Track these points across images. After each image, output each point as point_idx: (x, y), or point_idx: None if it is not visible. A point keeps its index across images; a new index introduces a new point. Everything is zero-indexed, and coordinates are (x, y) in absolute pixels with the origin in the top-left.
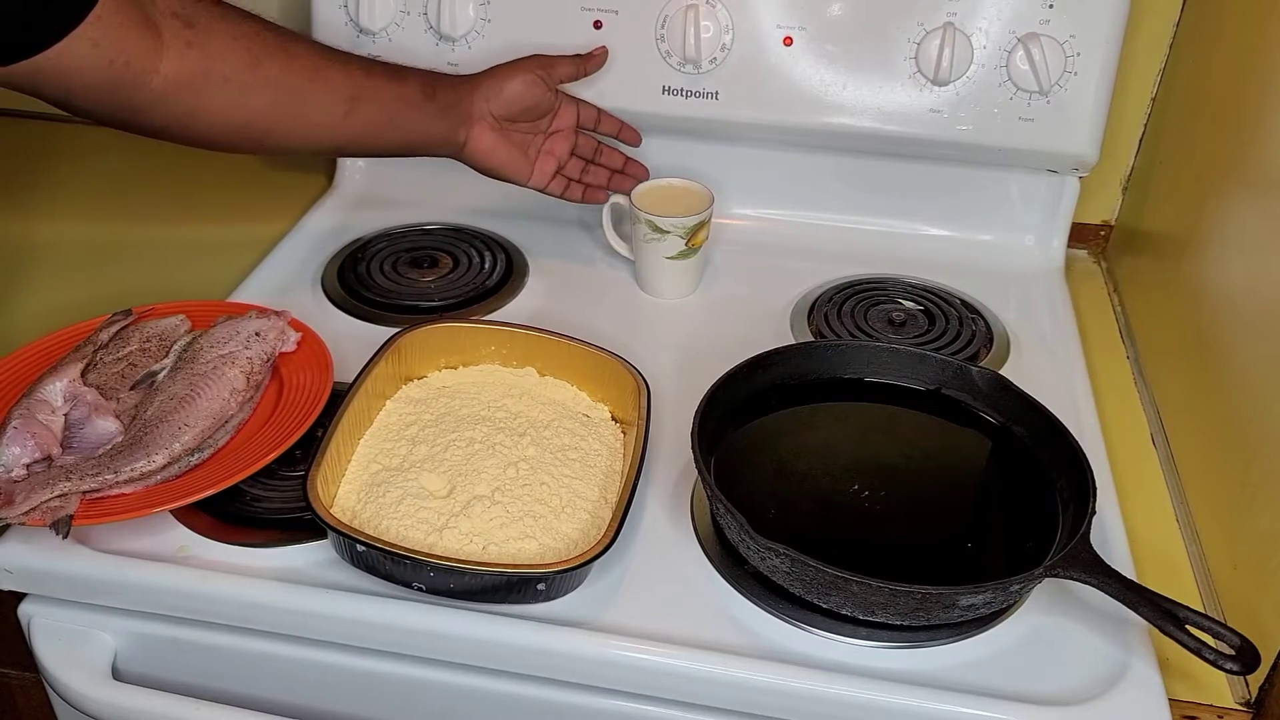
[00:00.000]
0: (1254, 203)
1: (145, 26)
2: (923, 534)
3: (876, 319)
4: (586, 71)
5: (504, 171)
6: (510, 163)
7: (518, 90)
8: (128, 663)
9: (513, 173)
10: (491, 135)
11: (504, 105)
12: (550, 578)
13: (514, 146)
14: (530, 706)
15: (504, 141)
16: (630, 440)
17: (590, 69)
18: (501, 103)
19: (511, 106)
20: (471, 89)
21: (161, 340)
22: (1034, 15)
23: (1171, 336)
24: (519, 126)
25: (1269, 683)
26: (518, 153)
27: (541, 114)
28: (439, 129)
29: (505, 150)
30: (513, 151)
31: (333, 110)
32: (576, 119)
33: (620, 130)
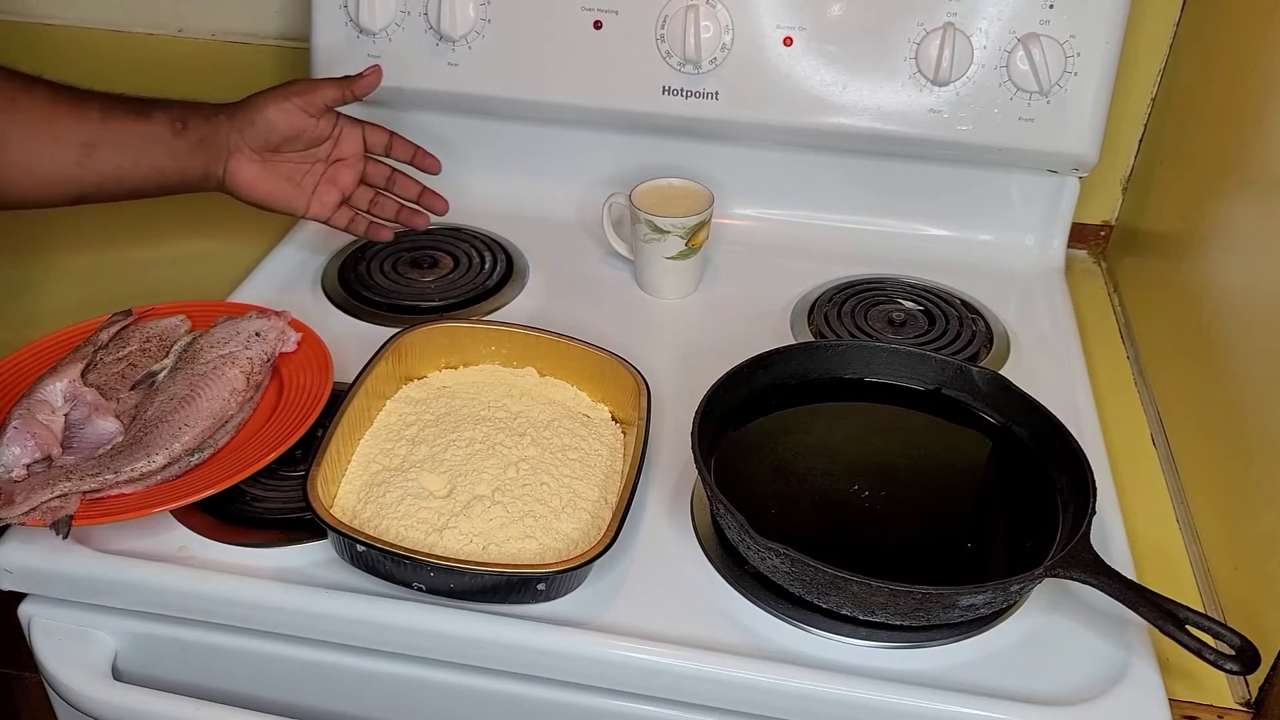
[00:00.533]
0: (1254, 203)
1: None
2: (923, 534)
3: (876, 319)
4: (355, 94)
5: (272, 203)
6: (277, 194)
7: (272, 119)
8: (128, 663)
9: (282, 204)
10: (253, 167)
11: (260, 135)
12: (550, 578)
13: (281, 178)
14: (530, 706)
15: (269, 173)
16: (630, 440)
17: (359, 91)
18: (256, 133)
19: (269, 136)
20: (227, 119)
21: (161, 340)
22: (1034, 15)
23: (1171, 336)
24: (287, 156)
25: (1269, 683)
26: (286, 184)
27: (311, 142)
28: (194, 165)
29: (269, 183)
30: (279, 183)
31: (63, 160)
32: (363, 145)
33: (414, 156)
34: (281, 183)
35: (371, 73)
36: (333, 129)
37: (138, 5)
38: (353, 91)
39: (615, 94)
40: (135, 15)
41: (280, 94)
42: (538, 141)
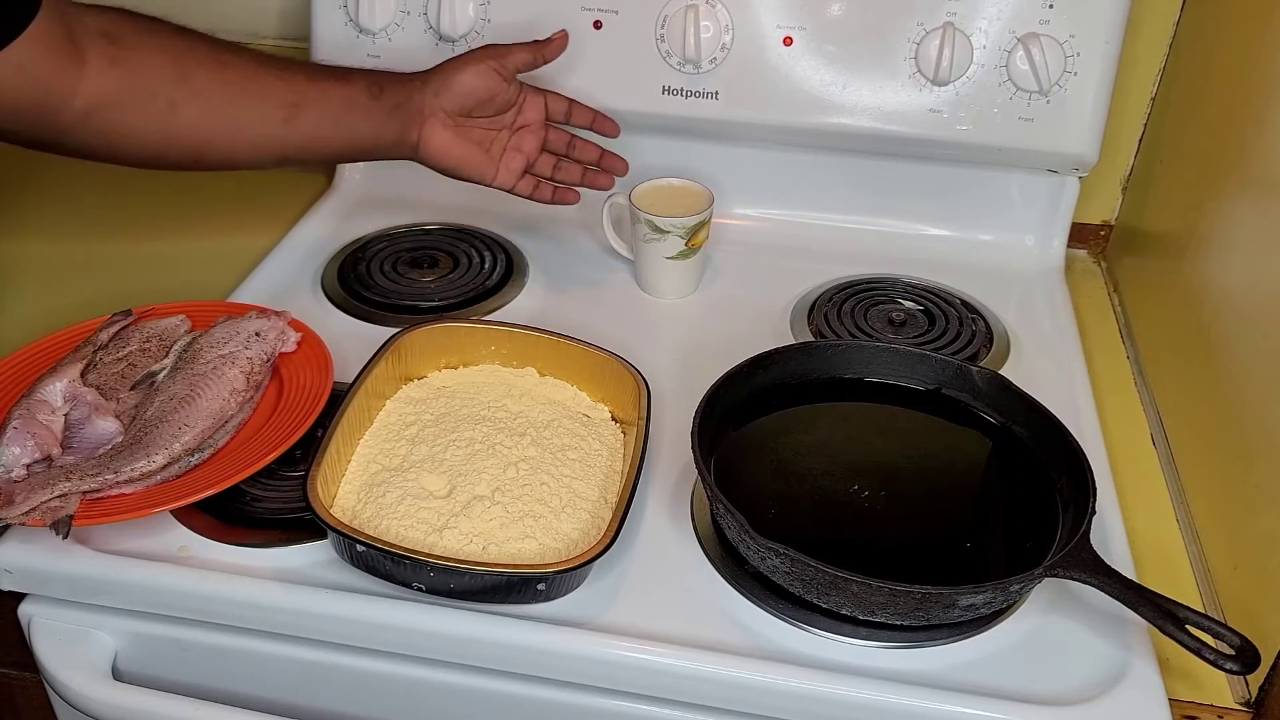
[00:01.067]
0: (1254, 203)
1: (69, 47)
2: (923, 534)
3: (876, 319)
4: (545, 58)
5: (463, 170)
6: (469, 160)
7: (469, 82)
8: (128, 663)
9: (473, 171)
10: (446, 133)
11: (456, 99)
12: (550, 578)
13: (473, 144)
14: (530, 706)
15: (461, 138)
16: (630, 440)
17: (549, 55)
18: (453, 96)
19: (465, 100)
20: (422, 85)
21: (161, 340)
22: (1034, 15)
23: (1171, 336)
24: (478, 122)
25: (1269, 683)
26: (478, 150)
27: (501, 108)
28: (389, 129)
29: (462, 148)
30: (471, 149)
31: (271, 119)
32: (545, 112)
33: (594, 120)
34: (473, 149)
35: (559, 37)
36: (518, 96)
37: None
38: (544, 55)
39: (615, 94)
40: None
41: (476, 57)
42: None
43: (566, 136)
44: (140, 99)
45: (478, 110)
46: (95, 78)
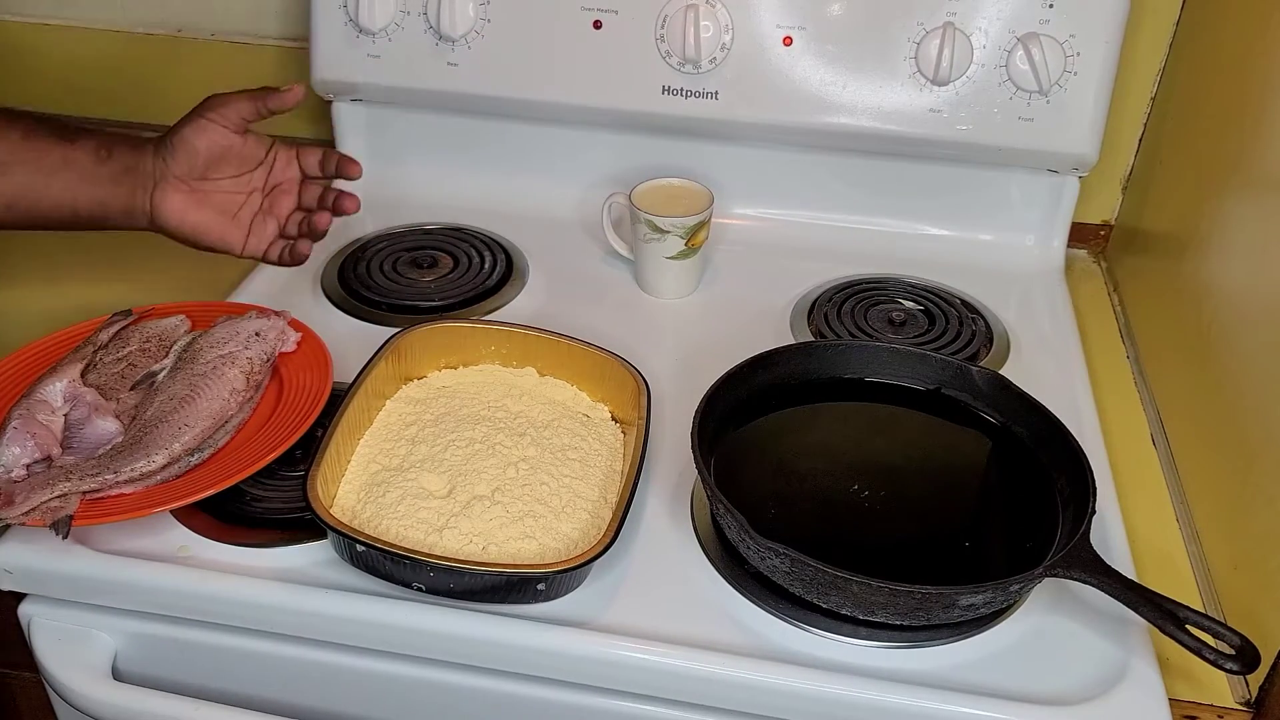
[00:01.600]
0: (1254, 203)
1: None
2: (923, 534)
3: (876, 319)
4: (269, 108)
5: (203, 237)
6: (208, 227)
7: (188, 140)
8: (128, 663)
9: (215, 239)
10: (180, 197)
11: (183, 160)
12: (550, 578)
13: (213, 209)
14: (530, 706)
15: (198, 204)
16: (630, 440)
17: (275, 107)
18: (178, 157)
19: (192, 159)
20: (154, 148)
21: (161, 340)
22: (1034, 15)
23: (1171, 336)
24: (219, 185)
25: (1269, 682)
26: (220, 216)
27: (242, 165)
28: (116, 195)
29: (200, 214)
30: (210, 215)
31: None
32: (299, 169)
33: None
34: (213, 214)
35: (290, 91)
36: (266, 153)
37: (138, 5)
38: (267, 105)
39: (615, 94)
40: (135, 15)
41: (194, 112)
42: (538, 141)
43: (318, 190)
44: None
45: (213, 171)
46: None
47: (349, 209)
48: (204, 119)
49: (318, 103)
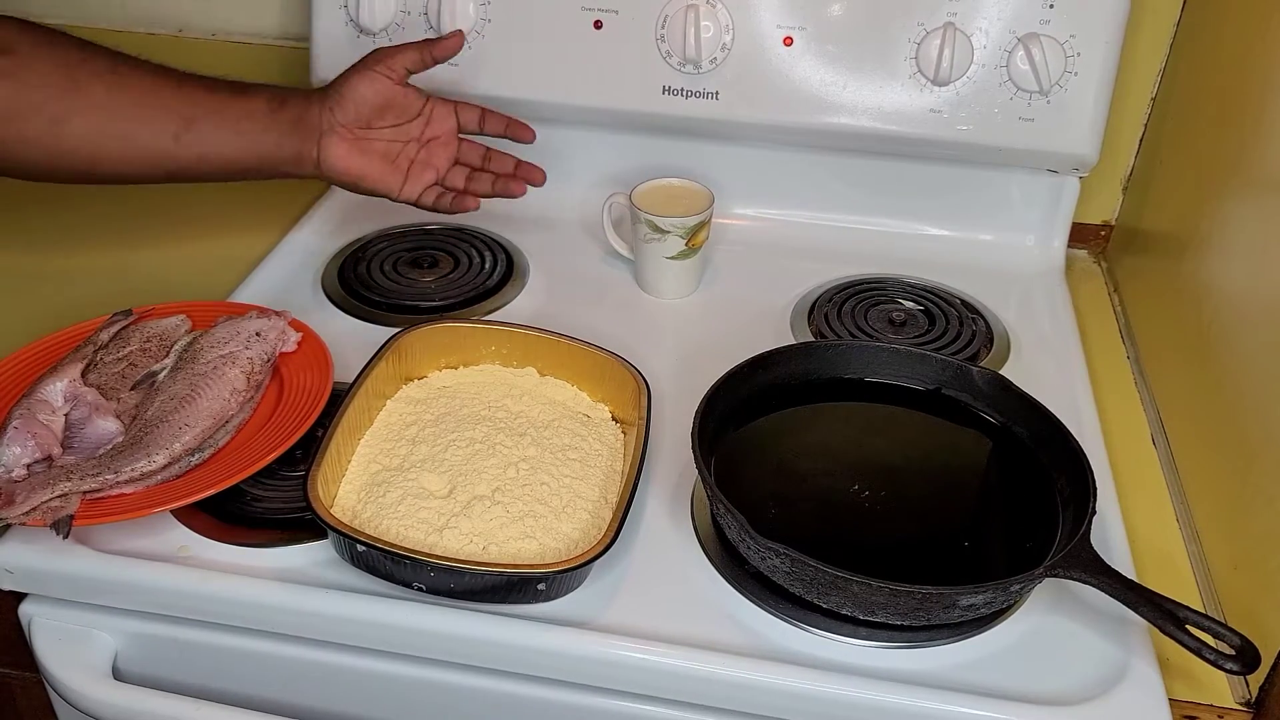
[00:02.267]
0: (1254, 203)
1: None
2: (923, 534)
3: (876, 319)
4: (435, 57)
5: (366, 182)
6: (371, 172)
7: (357, 90)
8: (128, 663)
9: (377, 183)
10: (345, 145)
11: (351, 109)
12: (550, 578)
13: (375, 156)
14: (530, 706)
15: (362, 151)
16: (630, 440)
17: (438, 54)
18: (346, 107)
19: (359, 109)
20: (321, 99)
21: (162, 340)
22: (1034, 15)
23: (1171, 336)
24: (381, 134)
25: (1269, 683)
26: (381, 162)
27: (401, 116)
28: (289, 143)
29: (363, 160)
30: (374, 161)
31: (164, 130)
32: (456, 124)
33: (508, 127)
34: (376, 160)
35: (453, 37)
36: (424, 106)
37: (138, 5)
38: (433, 55)
39: (615, 94)
40: (135, 15)
41: (363, 64)
42: (538, 141)
43: (481, 149)
44: (27, 112)
45: (376, 120)
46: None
47: (535, 180)
48: (372, 71)
49: None
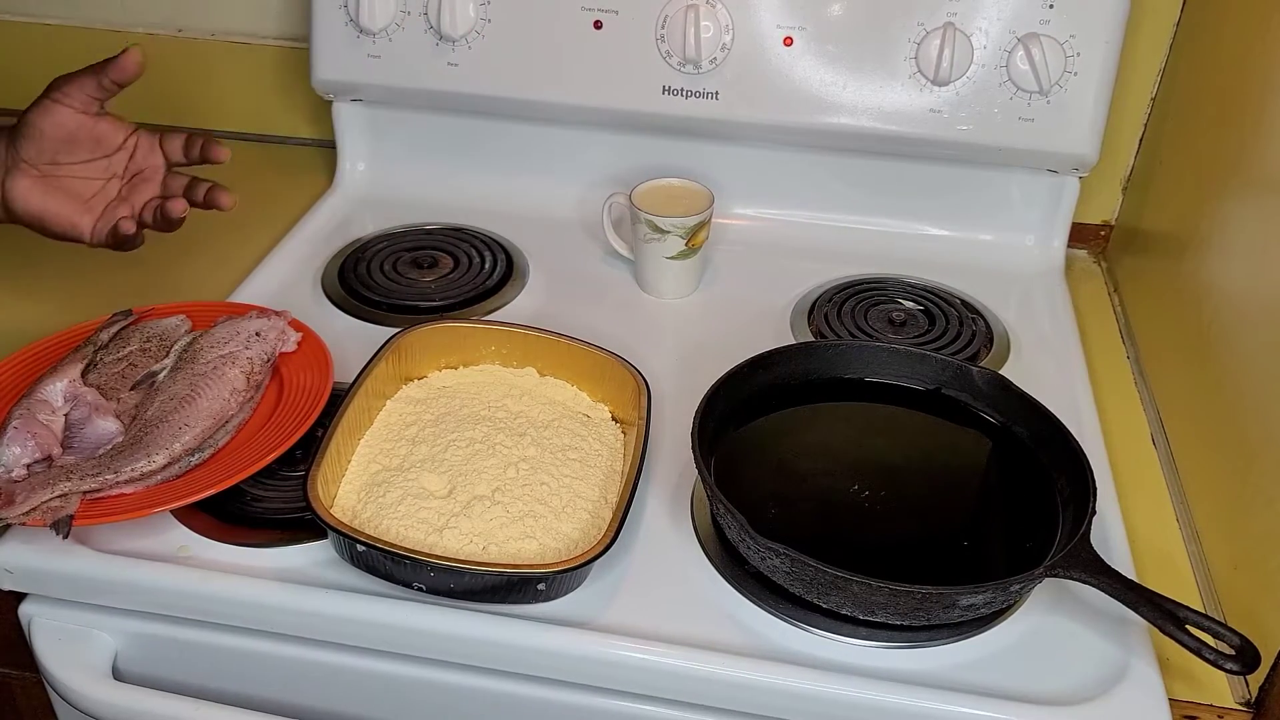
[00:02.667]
0: (1254, 203)
1: None
2: (923, 534)
3: (876, 319)
4: (114, 80)
5: (53, 224)
6: (57, 212)
7: (35, 122)
8: (128, 663)
9: (63, 226)
10: (29, 182)
11: (31, 144)
12: (550, 578)
13: (63, 194)
14: (530, 706)
15: (47, 189)
16: (630, 440)
17: (116, 77)
18: (27, 142)
19: (40, 143)
20: (8, 133)
21: (161, 340)
22: (1034, 15)
23: (1172, 336)
24: (72, 170)
25: (1269, 683)
26: (70, 202)
27: (97, 150)
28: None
29: (48, 199)
30: (61, 200)
31: None
32: (163, 157)
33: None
34: (64, 199)
35: (126, 55)
36: (126, 139)
37: (138, 5)
38: (109, 77)
39: (615, 94)
40: (135, 15)
41: (42, 94)
42: (538, 141)
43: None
44: None
45: (64, 155)
46: None
47: (223, 203)
48: (49, 100)
49: (318, 103)
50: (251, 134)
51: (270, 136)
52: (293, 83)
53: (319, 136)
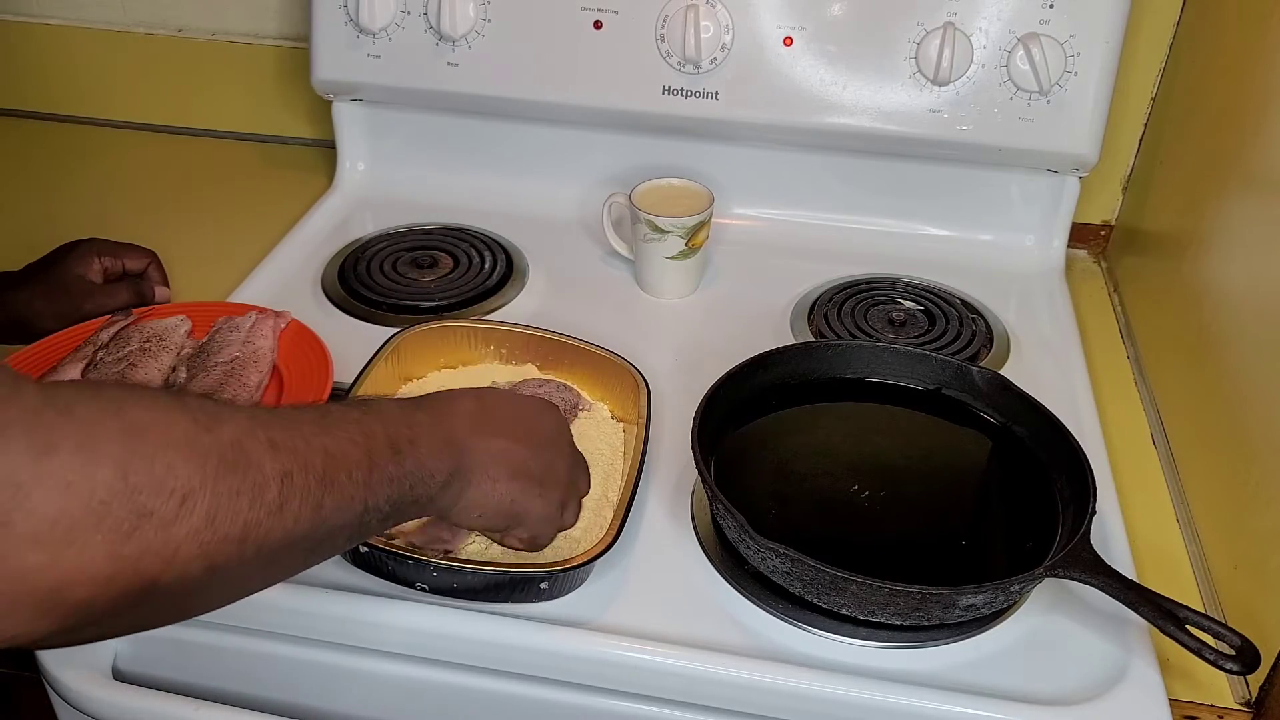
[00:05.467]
0: (1254, 203)
1: None
2: (923, 534)
3: (876, 319)
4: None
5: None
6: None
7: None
8: (128, 663)
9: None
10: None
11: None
12: (553, 577)
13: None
14: (531, 706)
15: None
16: (631, 440)
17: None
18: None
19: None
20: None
21: (161, 340)
22: (1034, 15)
23: (1172, 336)
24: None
25: (1269, 683)
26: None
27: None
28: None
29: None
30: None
31: None
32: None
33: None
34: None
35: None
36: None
37: (138, 5)
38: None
39: (615, 94)
40: (135, 15)
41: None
42: (538, 141)
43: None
44: None
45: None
46: None
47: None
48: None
49: (318, 103)
50: (251, 134)
51: (270, 136)
52: (293, 83)
53: (319, 136)
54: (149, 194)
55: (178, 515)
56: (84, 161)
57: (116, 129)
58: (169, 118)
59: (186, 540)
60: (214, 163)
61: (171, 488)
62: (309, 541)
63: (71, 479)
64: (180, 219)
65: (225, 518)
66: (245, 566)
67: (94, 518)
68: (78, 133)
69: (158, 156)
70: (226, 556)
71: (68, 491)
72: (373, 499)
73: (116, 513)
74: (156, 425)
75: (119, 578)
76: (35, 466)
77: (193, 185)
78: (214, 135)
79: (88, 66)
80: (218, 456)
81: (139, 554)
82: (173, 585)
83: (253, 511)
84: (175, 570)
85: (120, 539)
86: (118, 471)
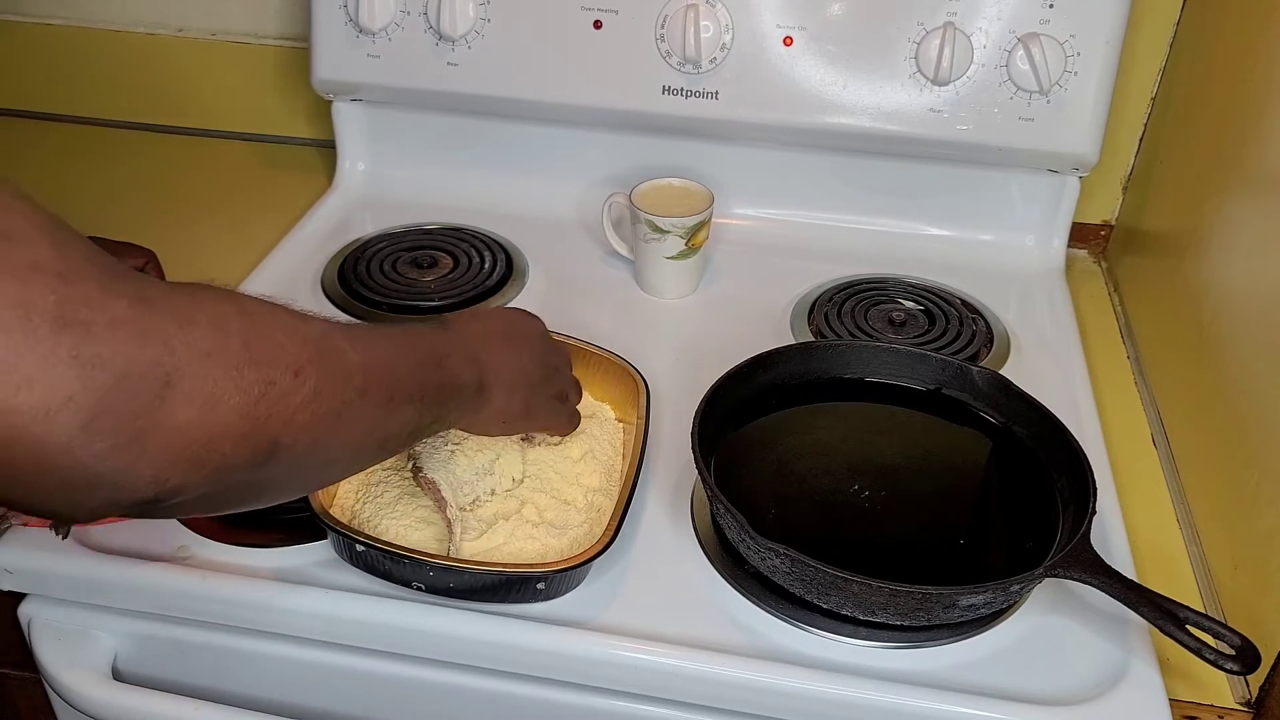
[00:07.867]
0: (1254, 202)
1: None
2: (923, 534)
3: (876, 319)
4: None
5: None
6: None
7: None
8: (128, 663)
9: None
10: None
11: None
12: (550, 577)
13: None
14: (530, 706)
15: None
16: (630, 440)
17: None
18: None
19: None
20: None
21: None
22: (1034, 15)
23: (1172, 336)
24: None
25: (1269, 683)
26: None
27: None
28: None
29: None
30: None
31: None
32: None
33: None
34: None
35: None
36: None
37: (138, 5)
38: None
39: (615, 94)
40: (135, 15)
41: None
42: (538, 141)
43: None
44: None
45: None
46: None
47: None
48: None
49: (318, 102)
50: (251, 134)
51: (270, 136)
52: (293, 83)
53: (319, 136)
54: (149, 194)
55: (293, 386)
56: (84, 161)
57: (116, 129)
58: (169, 118)
59: (300, 408)
60: (214, 163)
61: (286, 362)
62: (382, 432)
63: (209, 349)
64: (180, 219)
65: (327, 394)
66: (335, 447)
67: (231, 382)
68: (78, 133)
69: (158, 156)
70: (327, 430)
71: (209, 359)
72: (426, 401)
73: (248, 377)
74: (264, 312)
75: (251, 435)
76: (181, 334)
77: (193, 185)
78: (214, 135)
79: (88, 66)
80: (315, 342)
81: (267, 415)
82: (288, 450)
83: (345, 392)
84: (291, 434)
85: (252, 402)
86: (244, 343)
